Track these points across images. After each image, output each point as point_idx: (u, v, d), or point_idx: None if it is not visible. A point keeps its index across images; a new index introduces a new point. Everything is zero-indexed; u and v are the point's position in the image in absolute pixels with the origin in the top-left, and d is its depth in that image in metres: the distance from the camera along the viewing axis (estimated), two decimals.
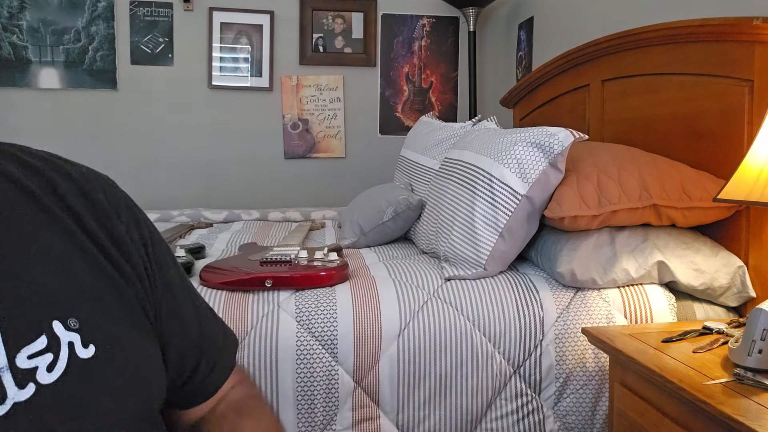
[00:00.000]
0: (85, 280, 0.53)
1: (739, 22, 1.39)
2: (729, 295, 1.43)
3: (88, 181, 0.59)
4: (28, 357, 0.47)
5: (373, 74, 3.23)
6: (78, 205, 0.56)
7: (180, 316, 0.64)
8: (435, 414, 1.35)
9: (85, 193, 0.58)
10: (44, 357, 0.48)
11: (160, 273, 0.61)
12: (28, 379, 0.47)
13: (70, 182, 0.57)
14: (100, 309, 0.53)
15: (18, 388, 0.46)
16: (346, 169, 3.23)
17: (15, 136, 2.94)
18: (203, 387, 0.69)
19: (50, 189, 0.55)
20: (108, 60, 2.98)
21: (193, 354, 0.66)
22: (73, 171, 0.59)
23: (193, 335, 0.66)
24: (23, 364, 0.47)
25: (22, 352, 0.47)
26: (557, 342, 1.39)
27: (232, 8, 3.07)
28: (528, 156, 1.45)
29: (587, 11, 2.39)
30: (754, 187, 1.08)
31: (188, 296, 0.67)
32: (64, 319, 0.50)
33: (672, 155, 1.59)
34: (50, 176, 0.56)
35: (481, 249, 1.46)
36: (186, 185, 3.10)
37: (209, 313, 0.71)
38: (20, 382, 0.46)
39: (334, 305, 1.35)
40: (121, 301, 0.55)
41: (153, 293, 0.60)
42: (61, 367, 0.48)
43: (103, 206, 0.58)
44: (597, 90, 2.04)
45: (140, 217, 0.62)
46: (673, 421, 1.03)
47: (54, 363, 0.48)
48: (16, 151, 0.57)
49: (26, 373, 0.47)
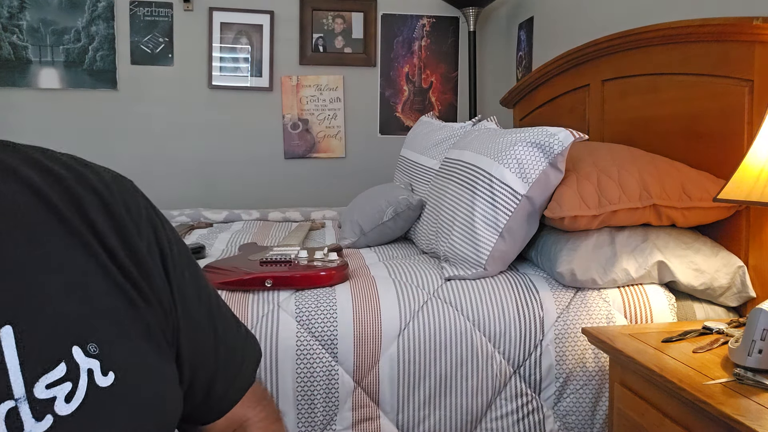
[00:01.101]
0: (104, 300, 0.51)
1: (739, 22, 1.39)
2: (729, 295, 1.43)
3: (111, 193, 0.56)
4: (46, 387, 0.45)
5: (373, 74, 3.23)
6: (99, 221, 0.53)
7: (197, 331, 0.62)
8: (435, 414, 1.35)
9: (107, 206, 0.55)
10: (62, 387, 0.46)
11: (179, 292, 0.59)
12: (46, 411, 0.45)
13: (93, 195, 0.54)
14: (119, 331, 0.51)
15: (35, 421, 0.44)
16: (346, 169, 3.23)
17: (15, 136, 2.93)
18: (225, 399, 0.67)
19: (72, 201, 0.53)
20: (108, 60, 2.98)
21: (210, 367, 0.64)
22: (96, 181, 0.56)
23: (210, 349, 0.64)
24: (41, 394, 0.45)
25: (41, 382, 0.45)
26: (557, 342, 1.39)
27: (232, 8, 3.07)
28: (528, 156, 1.45)
29: (587, 11, 2.39)
30: (754, 187, 1.08)
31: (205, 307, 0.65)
32: (84, 345, 0.48)
33: (672, 155, 1.59)
34: (72, 187, 0.53)
35: (481, 249, 1.46)
36: (186, 185, 3.09)
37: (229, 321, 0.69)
38: (38, 415, 0.45)
39: (334, 305, 1.35)
40: (140, 323, 0.53)
41: (173, 313, 0.58)
42: (79, 397, 0.47)
43: (124, 222, 0.55)
44: (597, 90, 2.04)
45: (159, 227, 0.59)
46: (673, 421, 1.03)
47: (72, 393, 0.46)
48: (38, 155, 0.54)
49: (44, 403, 0.45)
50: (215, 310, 0.66)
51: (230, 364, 0.67)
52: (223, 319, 0.68)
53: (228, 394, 0.68)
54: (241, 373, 0.69)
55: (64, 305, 0.48)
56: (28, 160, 0.53)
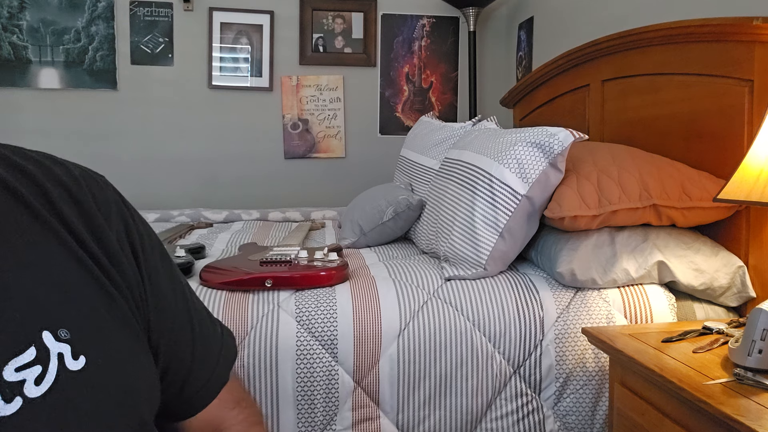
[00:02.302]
0: (76, 289, 0.52)
1: (739, 22, 1.39)
2: (729, 295, 1.43)
3: (78, 186, 0.57)
4: (15, 369, 0.46)
5: (373, 74, 3.23)
6: (68, 212, 0.55)
7: (172, 324, 0.63)
8: (435, 414, 1.35)
9: (75, 199, 0.56)
10: (32, 369, 0.47)
11: (150, 283, 0.60)
12: (15, 393, 0.46)
13: (60, 188, 0.56)
14: (92, 319, 0.52)
15: (4, 403, 0.45)
16: (346, 169, 3.23)
17: (15, 136, 2.95)
18: (197, 398, 0.67)
19: (41, 195, 0.54)
20: (108, 60, 2.98)
21: (185, 363, 0.65)
22: (64, 175, 0.57)
23: (186, 345, 0.65)
24: (10, 377, 0.46)
25: (10, 365, 0.46)
26: (557, 342, 1.39)
27: (232, 8, 3.07)
28: (528, 156, 1.45)
29: (587, 11, 2.39)
30: (754, 187, 1.08)
31: (181, 303, 0.65)
32: (55, 330, 0.49)
33: (672, 155, 1.59)
34: (41, 181, 0.55)
35: (481, 249, 1.46)
36: (186, 185, 3.10)
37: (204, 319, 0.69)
38: (7, 397, 0.45)
39: (334, 305, 1.35)
40: (113, 311, 0.54)
41: (144, 304, 0.59)
42: (49, 379, 0.47)
43: (92, 213, 0.57)
44: (597, 90, 2.04)
45: (130, 221, 0.60)
46: (673, 421, 1.03)
47: (42, 375, 0.47)
48: (8, 153, 0.55)
49: (13, 386, 0.46)
50: (190, 304, 0.67)
51: (206, 361, 0.68)
52: (198, 315, 0.68)
53: (203, 391, 0.68)
54: (216, 371, 0.69)
55: (37, 293, 0.50)
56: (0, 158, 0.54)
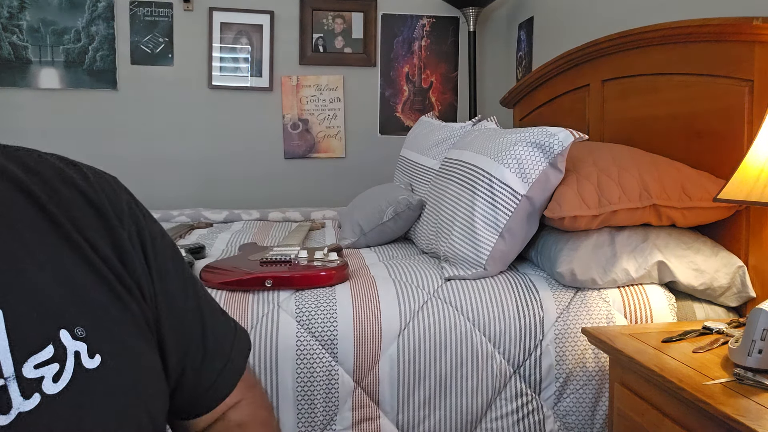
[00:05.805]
0: (90, 290, 0.53)
1: (739, 22, 1.39)
2: (729, 295, 1.43)
3: (94, 190, 0.58)
4: (34, 366, 0.48)
5: (373, 74, 3.23)
6: (82, 215, 0.56)
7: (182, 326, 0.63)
8: (435, 414, 1.35)
9: (90, 201, 0.57)
10: (50, 367, 0.48)
11: (161, 283, 0.61)
12: (34, 389, 0.47)
13: (76, 192, 0.57)
14: (106, 319, 0.54)
15: (23, 399, 0.47)
16: (346, 169, 3.23)
17: (15, 136, 2.95)
18: (207, 398, 0.68)
19: (55, 197, 0.55)
20: (108, 60, 2.98)
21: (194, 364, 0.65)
22: (80, 178, 0.58)
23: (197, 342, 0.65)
24: (29, 374, 0.47)
25: (29, 362, 0.48)
26: (557, 342, 1.39)
27: (232, 8, 3.07)
28: (528, 156, 1.45)
29: (587, 11, 2.39)
30: (754, 187, 1.08)
31: (192, 301, 0.66)
32: (71, 328, 0.50)
33: (672, 155, 1.59)
34: (57, 185, 0.56)
35: (481, 249, 1.46)
36: (186, 185, 3.09)
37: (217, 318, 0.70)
38: (26, 393, 0.47)
39: (334, 305, 1.36)
40: (125, 312, 0.56)
41: (152, 303, 0.60)
42: (66, 377, 0.49)
43: (107, 214, 0.58)
44: (597, 90, 2.04)
45: (142, 221, 0.62)
46: (673, 421, 1.03)
47: (60, 373, 0.49)
48: (23, 154, 0.57)
49: (32, 383, 0.47)
50: (202, 302, 0.68)
51: (219, 354, 0.68)
52: (210, 312, 0.69)
53: (219, 384, 0.68)
54: (231, 363, 0.70)
55: (53, 293, 0.51)
56: (15, 160, 0.55)
